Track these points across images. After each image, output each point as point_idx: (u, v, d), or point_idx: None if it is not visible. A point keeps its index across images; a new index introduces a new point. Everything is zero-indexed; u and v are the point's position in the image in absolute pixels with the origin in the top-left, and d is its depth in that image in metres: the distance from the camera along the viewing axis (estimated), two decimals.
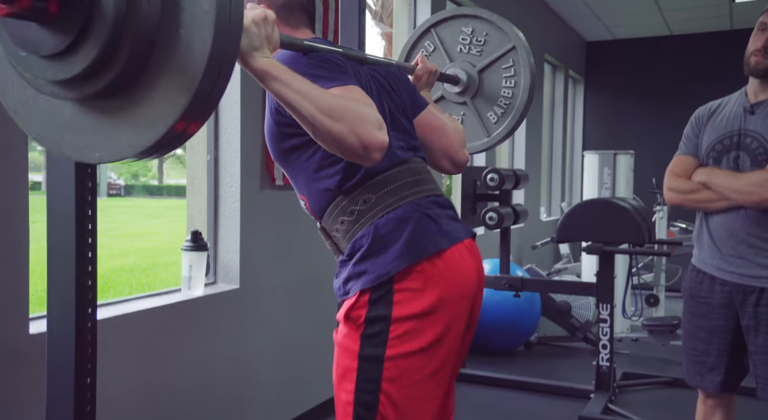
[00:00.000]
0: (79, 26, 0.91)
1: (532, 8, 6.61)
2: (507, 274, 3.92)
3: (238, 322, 2.74)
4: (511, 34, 2.18)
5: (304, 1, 1.56)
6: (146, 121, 0.97)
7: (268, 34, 1.22)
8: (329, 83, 1.29)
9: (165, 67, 0.94)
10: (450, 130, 1.67)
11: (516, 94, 2.17)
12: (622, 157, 5.35)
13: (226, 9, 0.91)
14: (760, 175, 2.03)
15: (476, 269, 1.49)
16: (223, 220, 2.78)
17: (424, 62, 1.84)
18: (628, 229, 3.40)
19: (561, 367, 4.39)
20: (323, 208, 1.47)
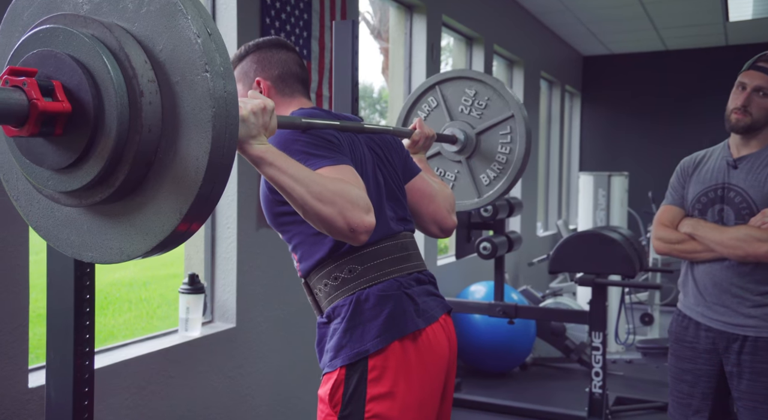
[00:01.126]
0: (83, 147, 0.96)
1: (527, 26, 6.67)
2: (501, 302, 3.97)
3: (234, 361, 2.79)
4: (512, 102, 2.24)
5: (298, 71, 1.62)
6: (141, 230, 1.01)
7: (266, 122, 1.26)
8: (322, 162, 1.35)
9: (162, 182, 0.98)
10: (440, 197, 1.73)
11: (510, 160, 2.24)
12: (616, 178, 5.41)
13: (222, 137, 0.95)
14: (744, 230, 2.09)
15: (449, 346, 1.55)
16: (220, 260, 2.84)
17: (422, 127, 1.89)
18: (619, 261, 3.45)
19: (556, 390, 4.44)
20: (310, 269, 1.52)
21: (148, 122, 0.95)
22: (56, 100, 0.94)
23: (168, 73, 0.96)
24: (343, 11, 3.54)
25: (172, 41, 0.95)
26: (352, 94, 2.35)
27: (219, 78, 0.94)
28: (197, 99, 0.94)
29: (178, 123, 0.96)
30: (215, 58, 0.94)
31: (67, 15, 1.01)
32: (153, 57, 0.96)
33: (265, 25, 2.98)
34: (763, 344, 2.09)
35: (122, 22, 0.99)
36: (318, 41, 3.31)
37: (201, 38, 0.93)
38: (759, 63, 2.16)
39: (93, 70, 0.94)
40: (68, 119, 0.95)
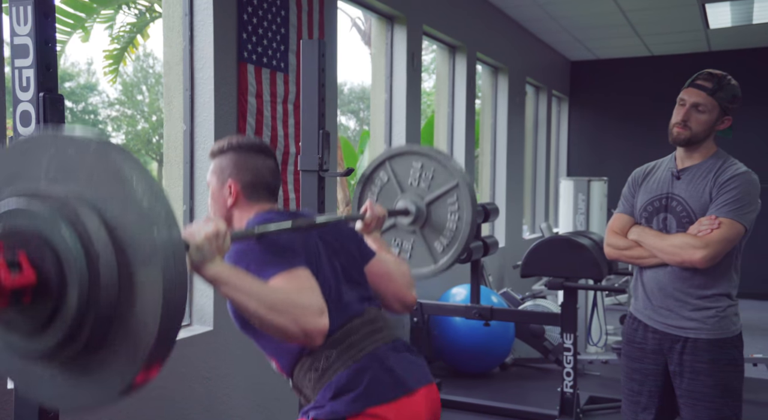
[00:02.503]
0: (48, 313, 1.05)
1: (512, 33, 6.80)
2: (477, 304, 4.10)
3: (212, 363, 2.92)
4: (455, 172, 2.38)
5: (269, 180, 1.73)
6: (106, 381, 1.10)
7: (219, 246, 1.34)
8: (275, 269, 1.45)
9: (122, 335, 1.07)
10: (397, 276, 1.83)
11: (460, 227, 2.38)
12: (595, 183, 5.53)
13: (172, 290, 1.05)
14: (681, 238, 2.22)
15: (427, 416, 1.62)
16: None
17: (372, 210, 1.99)
18: (587, 265, 3.57)
19: (533, 390, 4.57)
20: (291, 368, 1.63)
21: (105, 282, 1.05)
22: (22, 272, 1.03)
23: (120, 233, 1.05)
24: (320, 26, 3.68)
25: (121, 205, 1.05)
26: (318, 110, 2.49)
27: (165, 233, 1.04)
28: (148, 255, 1.03)
29: (132, 279, 1.05)
30: (160, 216, 1.04)
31: (29, 192, 1.11)
32: (106, 220, 1.06)
33: (242, 40, 3.11)
34: (702, 345, 2.22)
35: (76, 190, 1.09)
36: (295, 55, 3.44)
37: (146, 200, 1.03)
38: (698, 81, 2.29)
39: (54, 242, 1.04)
40: (34, 289, 1.05)
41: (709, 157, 2.31)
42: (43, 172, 1.12)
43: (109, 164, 1.06)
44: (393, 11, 4.56)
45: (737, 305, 2.29)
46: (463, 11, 5.58)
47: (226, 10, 2.99)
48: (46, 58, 1.43)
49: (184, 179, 2.99)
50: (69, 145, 1.10)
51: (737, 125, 2.12)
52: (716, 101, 2.24)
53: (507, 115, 6.69)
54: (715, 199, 2.21)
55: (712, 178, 2.24)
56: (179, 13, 2.97)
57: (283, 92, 3.38)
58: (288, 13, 3.42)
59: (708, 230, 2.18)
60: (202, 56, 2.95)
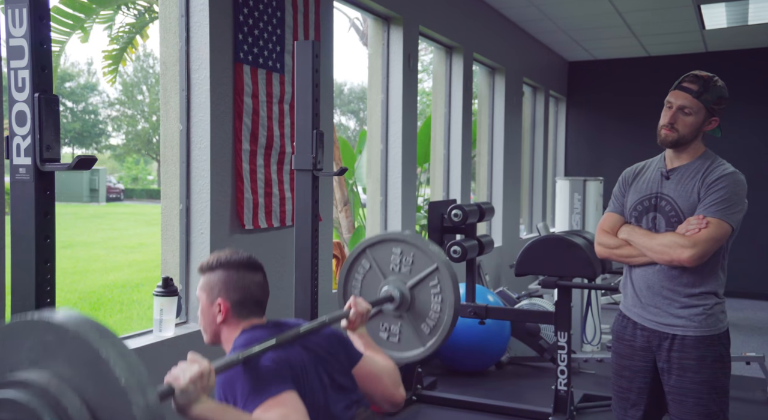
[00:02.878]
0: None
1: (509, 33, 6.84)
2: (473, 303, 4.13)
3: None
4: (434, 256, 2.42)
5: (258, 295, 1.78)
6: None
7: (204, 386, 1.40)
8: (261, 398, 1.50)
9: None
10: (385, 375, 1.89)
11: (444, 309, 2.42)
12: (591, 183, 5.56)
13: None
14: (670, 237, 2.25)
15: None
16: (195, 264, 3.00)
17: (356, 307, 2.03)
18: (580, 264, 3.61)
19: (528, 388, 4.60)
20: None
21: None
22: None
23: (101, 413, 1.12)
24: (316, 27, 3.71)
25: (101, 385, 1.12)
26: (312, 110, 2.52)
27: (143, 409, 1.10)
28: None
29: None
30: (136, 391, 1.10)
31: (13, 381, 1.17)
32: (86, 400, 1.13)
33: (238, 40, 3.14)
34: (690, 342, 2.26)
35: (57, 373, 1.15)
36: (291, 55, 3.47)
37: (123, 379, 1.10)
38: (684, 84, 2.33)
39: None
40: None
41: (697, 157, 2.34)
42: (24, 357, 1.18)
43: (86, 347, 1.13)
44: (389, 12, 4.60)
45: (724, 303, 2.32)
46: (459, 12, 5.61)
47: (221, 11, 3.02)
48: (41, 60, 1.46)
49: (180, 178, 3.02)
50: (47, 331, 1.17)
51: (734, 124, 2.17)
52: (702, 103, 2.28)
53: (504, 116, 6.72)
54: (703, 199, 2.25)
55: (700, 179, 2.28)
56: (176, 15, 3.00)
57: (279, 92, 3.42)
58: (284, 14, 3.45)
59: (696, 230, 2.22)
60: (198, 57, 2.98)
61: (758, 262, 8.00)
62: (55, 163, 1.50)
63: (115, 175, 33.78)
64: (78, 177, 24.20)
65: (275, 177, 3.41)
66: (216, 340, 1.78)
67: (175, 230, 3.01)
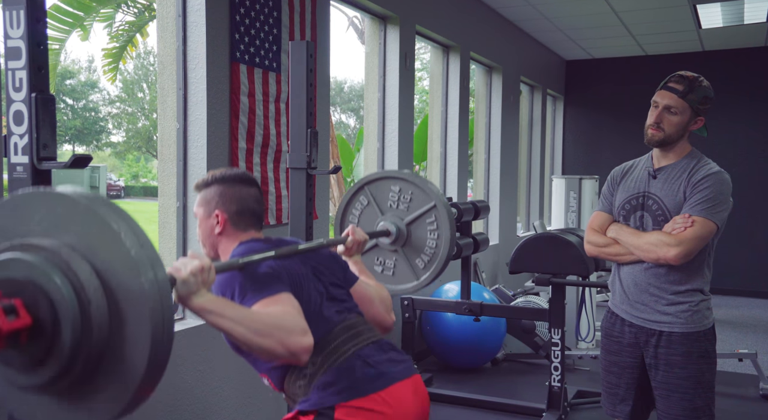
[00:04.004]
0: (43, 351, 1.14)
1: (506, 32, 6.87)
2: (467, 300, 4.17)
3: (205, 356, 2.99)
4: (432, 194, 2.48)
5: (254, 207, 1.83)
6: (100, 407, 1.19)
7: (204, 280, 1.42)
8: (259, 296, 1.55)
9: (113, 369, 1.16)
10: (377, 300, 1.95)
11: (439, 245, 2.49)
12: (587, 181, 5.61)
13: (160, 329, 1.14)
14: (656, 236, 2.29)
15: (417, 406, 1.73)
16: None
17: (354, 234, 2.09)
18: (573, 262, 3.65)
19: (523, 385, 4.64)
20: (282, 380, 1.73)
21: (96, 323, 1.13)
22: (18, 317, 1.12)
23: (109, 279, 1.14)
24: (313, 26, 3.74)
25: (110, 254, 1.14)
26: (306, 109, 2.56)
27: (152, 279, 1.12)
28: (136, 297, 1.13)
29: (123, 320, 1.14)
30: (146, 265, 1.12)
31: (23, 244, 1.18)
32: (96, 267, 1.15)
33: (235, 40, 3.18)
34: (676, 338, 2.30)
35: (68, 242, 1.16)
36: (287, 54, 3.51)
37: (134, 250, 1.12)
38: (669, 84, 2.37)
39: (48, 289, 1.12)
40: (30, 330, 1.14)
41: (683, 156, 2.38)
42: (35, 227, 1.19)
43: (98, 219, 1.14)
44: (386, 11, 4.63)
45: (710, 300, 2.36)
46: (456, 11, 5.65)
47: (218, 11, 3.05)
48: (38, 60, 1.50)
49: (177, 176, 3.06)
50: (59, 203, 1.18)
51: (729, 123, 2.19)
52: (687, 103, 2.32)
53: (501, 114, 6.75)
54: (688, 198, 2.28)
55: (686, 178, 2.32)
56: (173, 14, 3.04)
57: (275, 91, 3.45)
58: (280, 14, 3.49)
59: (682, 228, 2.25)
60: (195, 56, 3.02)
61: (751, 259, 8.04)
62: (52, 161, 1.54)
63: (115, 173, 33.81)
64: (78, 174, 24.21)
65: (271, 175, 3.45)
66: (214, 253, 1.83)
67: (172, 227, 3.05)
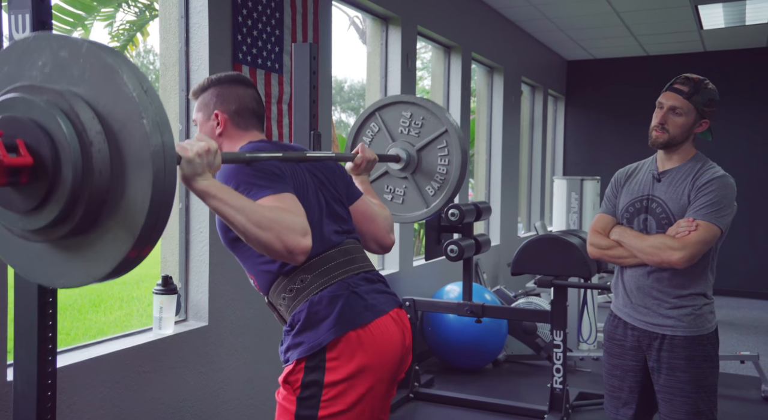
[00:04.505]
0: (44, 192, 1.14)
1: (507, 33, 6.86)
2: (469, 301, 4.17)
3: (207, 357, 2.99)
4: (444, 119, 2.47)
5: (254, 106, 1.81)
6: (101, 256, 1.18)
7: (210, 162, 1.40)
8: (264, 192, 1.53)
9: (115, 216, 1.16)
10: (380, 218, 1.93)
11: (450, 171, 2.47)
12: (588, 182, 5.60)
13: (161, 173, 1.13)
14: (660, 239, 2.29)
15: (401, 334, 1.75)
16: (194, 262, 3.03)
17: (363, 152, 2.06)
18: (575, 263, 3.64)
19: (525, 386, 4.64)
20: (268, 286, 1.72)
21: (98, 167, 1.13)
22: (20, 156, 1.12)
23: (111, 124, 1.13)
24: (315, 27, 3.74)
25: (112, 97, 1.12)
26: (309, 111, 2.55)
27: (155, 125, 1.11)
28: (137, 142, 1.11)
29: (124, 165, 1.13)
30: (149, 108, 1.11)
31: (26, 86, 1.18)
32: (98, 112, 1.14)
33: (237, 41, 3.18)
34: (679, 342, 2.29)
35: (71, 86, 1.16)
36: (290, 56, 3.50)
37: (135, 92, 1.11)
38: (675, 85, 2.37)
39: (49, 129, 1.12)
40: (31, 170, 1.13)
41: (688, 160, 2.37)
42: (39, 72, 1.18)
43: (102, 63, 1.13)
44: (387, 12, 4.62)
45: (713, 303, 2.36)
46: (457, 11, 5.64)
47: (221, 12, 3.05)
48: None
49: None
50: (62, 46, 1.17)
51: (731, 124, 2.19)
52: (692, 104, 2.31)
53: (503, 115, 6.75)
54: (693, 202, 2.28)
55: (690, 181, 2.31)
56: (175, 15, 3.04)
57: (277, 93, 3.45)
58: (282, 15, 3.48)
59: (686, 232, 2.25)
60: (197, 58, 3.01)
61: (753, 261, 8.04)
62: None
63: None
64: None
65: None
66: None
67: (174, 229, 3.05)
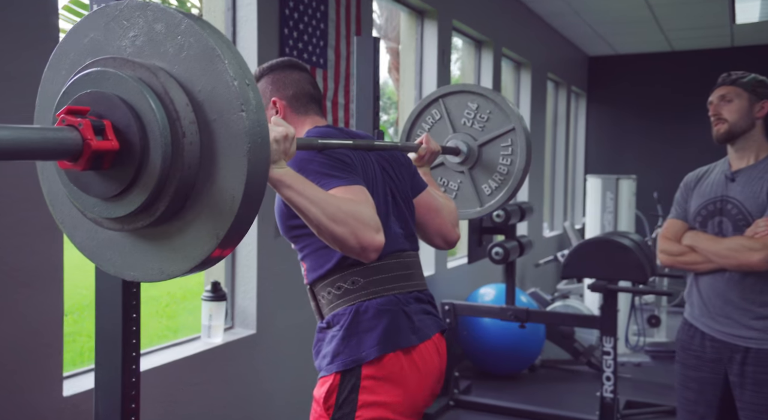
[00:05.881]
0: (128, 181, 1.02)
1: (534, 28, 6.71)
2: (513, 306, 4.02)
3: (255, 367, 2.84)
4: (513, 116, 2.32)
5: (311, 91, 1.71)
6: (180, 253, 1.07)
7: (286, 149, 1.34)
8: (336, 182, 1.44)
9: (201, 211, 1.05)
10: (445, 212, 1.81)
11: (511, 171, 2.32)
12: (624, 181, 5.45)
13: (256, 171, 1.02)
14: (737, 240, 2.15)
15: (439, 364, 1.65)
16: (240, 267, 2.88)
17: (428, 142, 1.97)
18: (631, 267, 3.49)
19: (565, 393, 4.49)
20: (317, 278, 1.62)
21: (188, 160, 1.01)
22: (106, 139, 1.00)
23: (206, 112, 1.02)
24: (357, 20, 3.58)
25: (211, 83, 1.01)
26: (373, 108, 2.39)
27: (254, 115, 1.00)
28: (233, 136, 1.00)
29: (215, 158, 1.02)
30: (251, 100, 1.00)
31: (116, 58, 1.06)
32: (192, 98, 1.02)
33: (284, 35, 3.02)
34: (765, 356, 2.13)
35: (163, 65, 1.04)
36: (334, 50, 3.35)
37: (237, 81, 0.99)
38: (718, 82, 2.32)
39: (140, 112, 1.00)
40: (116, 156, 1.02)
41: (763, 157, 2.26)
42: (129, 43, 1.07)
43: (202, 44, 1.01)
44: (424, 5, 4.47)
45: None
46: (490, 5, 5.48)
47: (269, 4, 2.89)
48: None
49: None
50: (159, 19, 1.05)
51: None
52: (740, 87, 2.24)
53: (530, 112, 6.59)
54: None
55: None
56: (221, 8, 2.88)
57: (322, 88, 3.30)
58: (327, 8, 3.33)
59: (765, 231, 2.11)
60: (244, 53, 2.85)
61: None
62: None
63: None
64: None
65: None
66: None
67: None
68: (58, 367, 2.03)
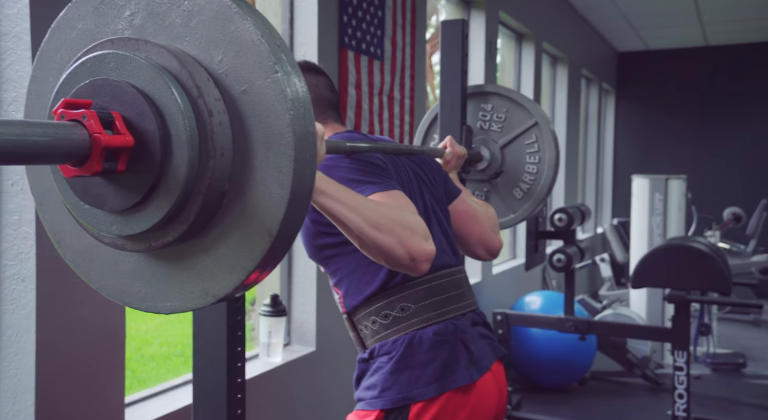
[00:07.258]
0: (150, 182, 0.81)
1: (571, 21, 6.43)
2: (572, 316, 3.75)
3: (316, 387, 2.58)
4: (533, 109, 2.10)
5: (329, 96, 1.56)
6: (221, 267, 0.85)
7: (317, 148, 1.12)
8: (372, 188, 1.27)
9: (239, 212, 0.84)
10: (483, 218, 1.63)
11: (541, 170, 2.10)
12: (674, 182, 5.17)
13: (303, 148, 0.82)
14: None
15: (498, 398, 1.47)
16: (297, 279, 2.61)
17: (453, 146, 1.81)
18: (712, 276, 3.22)
19: (621, 408, 4.22)
20: (358, 305, 1.41)
21: (219, 145, 0.81)
22: (118, 133, 0.79)
23: (231, 85, 0.82)
24: (413, 9, 3.32)
25: (233, 48, 0.82)
26: (461, 100, 2.13)
27: (291, 76, 0.81)
28: (270, 105, 0.80)
29: (250, 140, 0.82)
30: (282, 56, 0.81)
31: (114, 40, 0.85)
32: (212, 72, 0.83)
33: (343, 23, 2.75)
34: None
35: (173, 41, 0.85)
36: (390, 40, 3.08)
37: (265, 38, 0.80)
38: None
39: (154, 96, 0.80)
40: (131, 153, 0.81)
41: None
42: (126, 24, 0.88)
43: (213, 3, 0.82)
44: None
45: None
46: None
47: None
48: None
49: None
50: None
51: None
52: None
53: (566, 109, 6.32)
54: None
55: None
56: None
57: (379, 82, 3.02)
58: None
59: None
60: (303, 41, 2.59)
61: None
62: None
63: None
64: None
65: None
66: None
67: None
68: (120, 394, 1.77)
